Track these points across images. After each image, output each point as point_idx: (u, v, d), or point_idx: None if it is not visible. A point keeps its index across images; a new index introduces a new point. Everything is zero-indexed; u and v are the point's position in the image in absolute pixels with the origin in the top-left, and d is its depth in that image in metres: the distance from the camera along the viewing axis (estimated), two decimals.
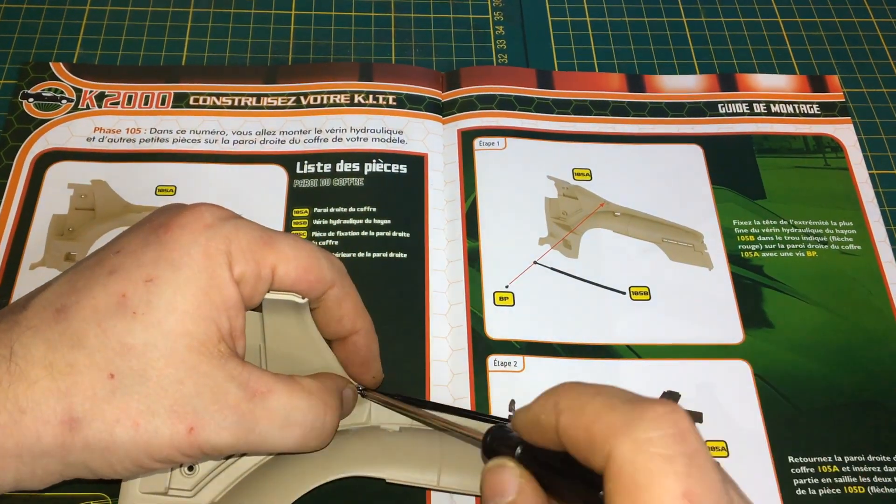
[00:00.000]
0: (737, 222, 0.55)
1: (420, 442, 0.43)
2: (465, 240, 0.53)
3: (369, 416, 0.45)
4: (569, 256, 0.53)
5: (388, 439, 0.44)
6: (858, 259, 0.54)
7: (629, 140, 0.58)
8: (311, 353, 0.42)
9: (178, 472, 0.41)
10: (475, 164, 0.56)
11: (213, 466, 0.41)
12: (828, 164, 0.58)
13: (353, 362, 0.42)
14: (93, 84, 0.58)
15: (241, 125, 0.57)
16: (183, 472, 0.41)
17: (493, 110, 0.58)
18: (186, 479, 0.41)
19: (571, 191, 0.55)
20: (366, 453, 0.43)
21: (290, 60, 0.61)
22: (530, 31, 0.64)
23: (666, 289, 0.52)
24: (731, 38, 0.65)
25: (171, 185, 0.54)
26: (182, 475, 0.41)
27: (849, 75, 0.63)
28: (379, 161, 0.56)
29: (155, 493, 0.41)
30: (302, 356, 0.42)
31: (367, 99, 0.59)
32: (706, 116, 0.59)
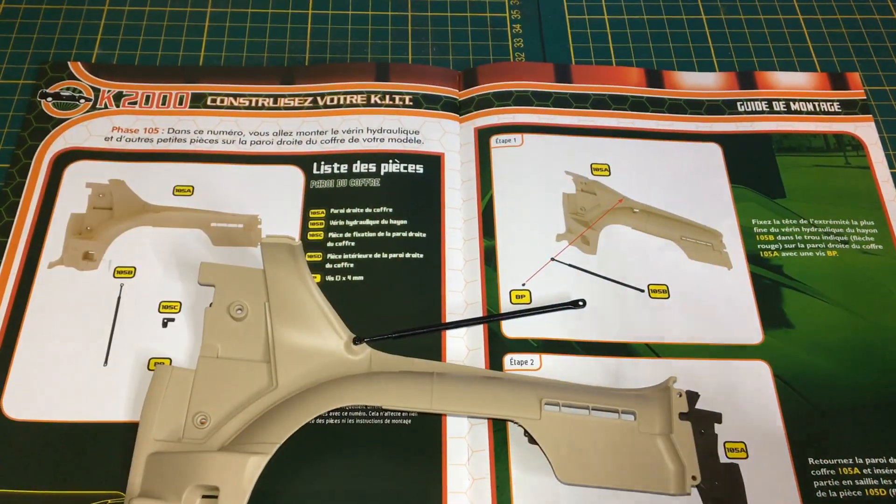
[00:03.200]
0: (756, 221, 0.54)
1: (414, 379, 0.46)
2: (482, 238, 0.53)
3: (369, 365, 0.48)
4: (587, 253, 0.53)
5: (385, 379, 0.47)
6: (880, 258, 0.53)
7: (648, 136, 0.58)
8: (307, 298, 0.48)
9: (192, 422, 0.45)
10: (491, 162, 0.56)
11: (223, 416, 0.46)
12: (848, 162, 0.57)
13: None
14: (111, 84, 0.58)
15: (258, 126, 0.57)
16: (195, 423, 0.45)
17: (510, 107, 0.58)
18: (199, 429, 0.45)
19: (590, 186, 0.55)
20: (365, 389, 0.46)
21: (307, 60, 0.61)
22: (547, 30, 0.64)
23: (685, 287, 0.51)
24: (750, 36, 0.64)
25: (189, 186, 0.54)
26: (195, 426, 0.45)
27: (870, 73, 0.62)
28: (395, 161, 0.56)
29: (169, 440, 0.45)
30: (301, 304, 0.48)
31: (383, 99, 0.59)
32: (725, 115, 0.59)
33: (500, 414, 0.46)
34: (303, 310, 0.48)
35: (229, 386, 0.47)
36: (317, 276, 0.52)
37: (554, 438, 0.45)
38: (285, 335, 0.48)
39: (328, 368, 0.47)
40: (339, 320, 0.48)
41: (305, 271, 0.47)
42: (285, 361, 0.47)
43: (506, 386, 0.47)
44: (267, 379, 0.47)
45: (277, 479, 0.45)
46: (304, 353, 0.47)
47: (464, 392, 0.46)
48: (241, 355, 0.48)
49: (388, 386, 0.46)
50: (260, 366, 0.47)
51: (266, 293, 0.48)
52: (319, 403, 0.45)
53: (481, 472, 0.46)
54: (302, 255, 0.46)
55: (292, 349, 0.47)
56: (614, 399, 0.46)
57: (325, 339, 0.48)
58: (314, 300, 0.48)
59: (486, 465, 0.46)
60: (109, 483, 0.45)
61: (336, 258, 0.52)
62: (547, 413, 0.45)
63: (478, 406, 0.46)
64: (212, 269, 0.49)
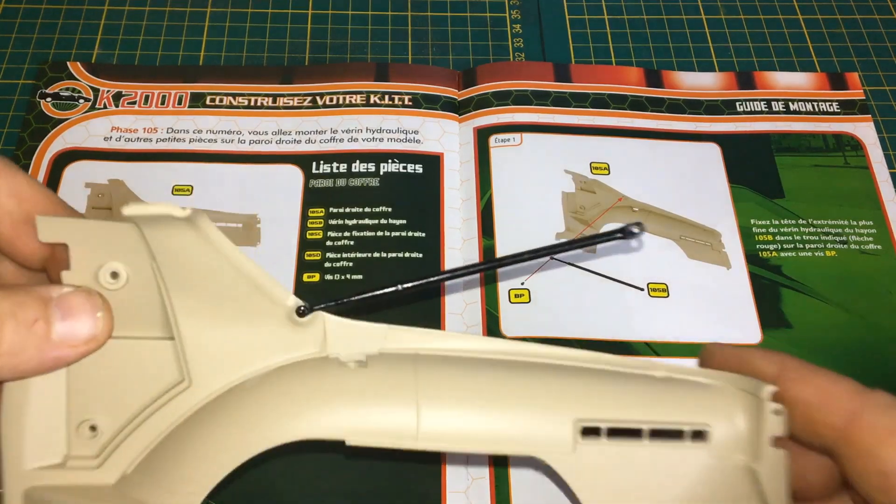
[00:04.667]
0: (755, 221, 0.54)
1: (391, 374, 0.33)
2: (481, 238, 0.53)
3: (324, 344, 0.35)
4: (587, 251, 0.53)
5: (347, 378, 0.33)
6: (879, 259, 0.53)
7: (647, 135, 0.58)
8: (228, 271, 0.33)
9: (76, 433, 0.33)
10: (490, 162, 0.56)
11: (119, 423, 0.33)
12: (847, 162, 0.57)
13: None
14: (110, 84, 0.59)
15: (258, 125, 0.57)
16: (82, 432, 0.33)
17: (509, 106, 0.58)
18: (88, 442, 0.33)
19: (589, 185, 0.55)
20: (315, 400, 0.33)
21: (307, 60, 0.61)
22: (547, 30, 0.64)
23: (684, 287, 0.52)
24: (750, 36, 0.64)
25: (188, 185, 0.54)
26: (81, 438, 0.33)
27: (870, 73, 0.62)
28: (394, 161, 0.56)
29: (49, 465, 0.33)
30: (208, 269, 0.33)
31: (382, 99, 0.59)
32: (724, 114, 0.59)
33: (516, 450, 0.33)
34: (213, 275, 0.33)
35: (120, 376, 0.33)
36: (315, 274, 0.52)
37: (592, 482, 0.33)
38: (190, 310, 0.33)
39: (263, 352, 0.34)
40: (276, 285, 0.34)
41: (222, 241, 0.32)
42: (196, 348, 0.34)
43: (524, 398, 0.33)
44: (175, 369, 0.34)
45: (274, 479, 0.45)
46: (224, 336, 0.34)
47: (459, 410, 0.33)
48: (129, 331, 0.33)
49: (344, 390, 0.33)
50: (161, 346, 0.34)
51: (150, 254, 0.33)
52: (252, 439, 0.32)
53: (480, 471, 0.46)
54: (206, 222, 0.32)
55: (204, 330, 0.34)
56: (675, 405, 0.34)
57: (254, 312, 0.34)
58: (229, 263, 0.33)
59: (485, 465, 0.46)
60: None
61: (335, 257, 0.52)
62: (584, 446, 0.33)
63: (482, 442, 0.33)
64: (56, 224, 0.32)
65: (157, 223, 0.31)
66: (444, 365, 0.34)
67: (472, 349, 0.35)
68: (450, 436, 0.32)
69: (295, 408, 0.32)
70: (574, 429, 0.33)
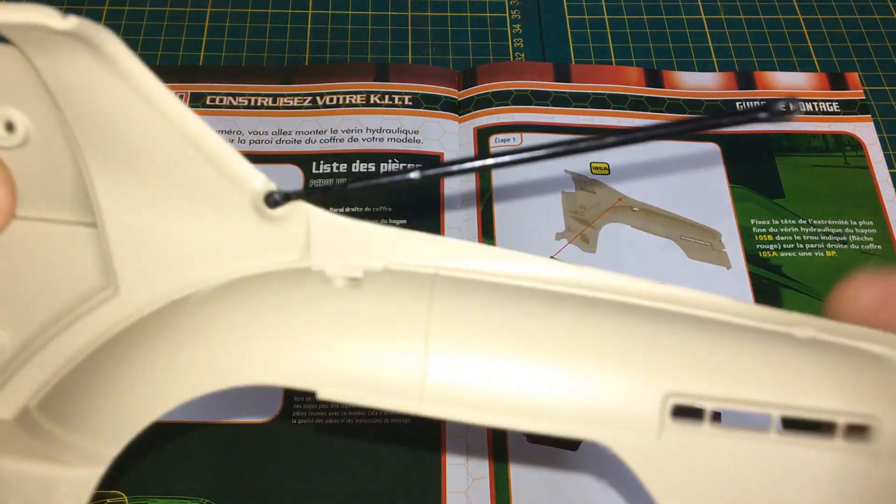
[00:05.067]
0: (755, 221, 0.54)
1: (395, 300, 0.24)
2: (481, 238, 0.53)
3: (305, 249, 0.25)
4: (587, 251, 0.53)
5: (332, 301, 0.24)
6: (879, 259, 0.53)
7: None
8: (165, 133, 0.23)
9: None
10: None
11: (21, 344, 0.26)
12: (847, 162, 0.57)
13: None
14: None
15: (258, 125, 0.57)
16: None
17: (509, 106, 0.58)
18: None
19: (589, 185, 0.55)
20: (284, 329, 0.23)
21: (307, 60, 0.61)
22: (547, 30, 0.64)
23: (684, 286, 0.51)
24: (750, 36, 0.64)
25: None
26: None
27: (870, 73, 0.62)
28: (395, 161, 0.56)
29: None
30: (153, 141, 0.23)
31: (382, 99, 0.59)
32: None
33: (568, 430, 0.22)
34: (143, 137, 0.23)
35: (23, 275, 0.26)
36: None
37: (681, 485, 0.22)
38: (116, 186, 0.24)
39: (218, 254, 0.25)
40: (237, 159, 0.24)
41: (133, 72, 0.23)
42: (125, 241, 0.24)
43: (590, 353, 0.23)
44: (96, 268, 0.26)
45: (274, 479, 0.45)
46: (163, 227, 0.24)
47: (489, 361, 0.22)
48: (36, 211, 0.25)
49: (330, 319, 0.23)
50: (78, 235, 0.26)
51: (54, 101, 0.23)
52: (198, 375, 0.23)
53: (481, 471, 0.46)
54: (120, 49, 0.22)
55: (136, 217, 0.24)
56: (824, 383, 0.22)
57: (207, 196, 0.24)
58: (165, 119, 0.23)
59: (485, 465, 0.46)
60: (109, 483, 0.45)
61: None
62: (676, 432, 0.22)
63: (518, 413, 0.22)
64: None
65: (42, 45, 0.21)
66: (473, 294, 0.24)
67: (518, 274, 0.25)
68: (471, 399, 0.22)
69: (254, 338, 0.23)
70: (663, 406, 0.22)
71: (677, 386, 0.22)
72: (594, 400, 0.22)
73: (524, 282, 0.25)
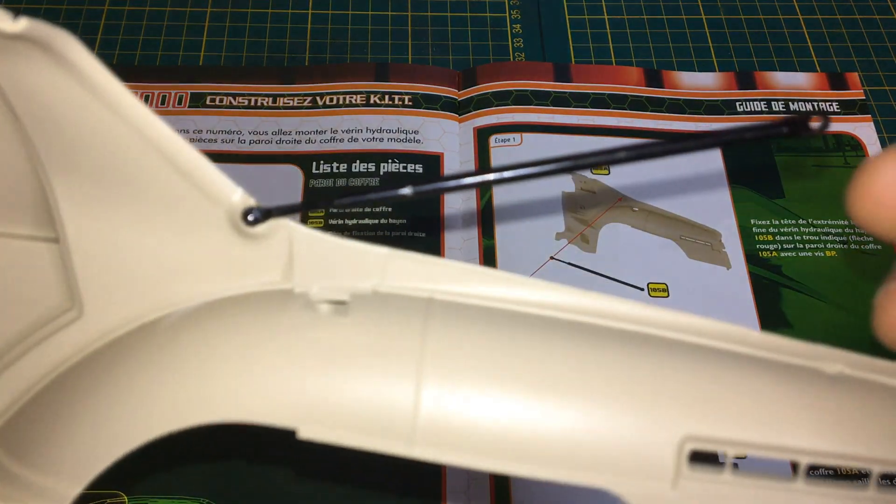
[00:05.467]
0: (755, 221, 0.54)
1: (384, 327, 0.21)
2: (481, 238, 0.53)
3: (288, 269, 0.22)
4: (586, 251, 0.53)
5: (315, 329, 0.21)
6: (879, 259, 0.53)
7: (647, 135, 0.58)
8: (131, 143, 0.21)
9: None
10: (491, 162, 0.56)
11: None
12: (847, 162, 0.57)
13: None
14: None
15: (258, 125, 0.57)
16: None
17: (509, 106, 0.58)
18: None
19: (589, 185, 0.55)
20: (263, 360, 0.21)
21: (307, 60, 0.61)
22: (547, 30, 0.64)
23: (684, 286, 0.52)
24: (750, 36, 0.64)
25: None
26: None
27: (870, 73, 0.62)
28: (394, 161, 0.56)
29: None
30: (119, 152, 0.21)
31: (382, 99, 0.59)
32: (724, 115, 0.59)
33: (573, 476, 0.20)
34: (108, 147, 0.21)
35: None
36: None
37: None
38: (81, 199, 0.22)
39: (191, 275, 0.23)
40: (212, 171, 0.22)
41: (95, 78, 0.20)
42: (91, 259, 0.23)
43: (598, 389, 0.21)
44: (59, 288, 0.24)
45: (270, 478, 0.45)
46: (132, 244, 0.22)
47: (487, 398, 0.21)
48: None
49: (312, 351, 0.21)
50: (41, 252, 0.24)
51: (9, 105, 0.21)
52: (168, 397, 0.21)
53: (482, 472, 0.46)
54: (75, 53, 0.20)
55: (103, 233, 0.22)
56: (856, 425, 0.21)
57: (180, 211, 0.22)
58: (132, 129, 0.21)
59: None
60: (109, 483, 0.45)
61: None
62: (693, 481, 0.20)
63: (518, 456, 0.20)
64: None
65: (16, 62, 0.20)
66: (472, 321, 0.22)
67: (522, 300, 0.22)
68: (467, 442, 0.20)
69: (230, 370, 0.21)
70: (679, 451, 0.20)
71: (695, 429, 0.20)
72: (603, 444, 0.20)
73: (529, 308, 0.22)
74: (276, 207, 0.22)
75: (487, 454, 0.20)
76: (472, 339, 0.21)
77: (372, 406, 0.20)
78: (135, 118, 0.20)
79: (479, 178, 0.22)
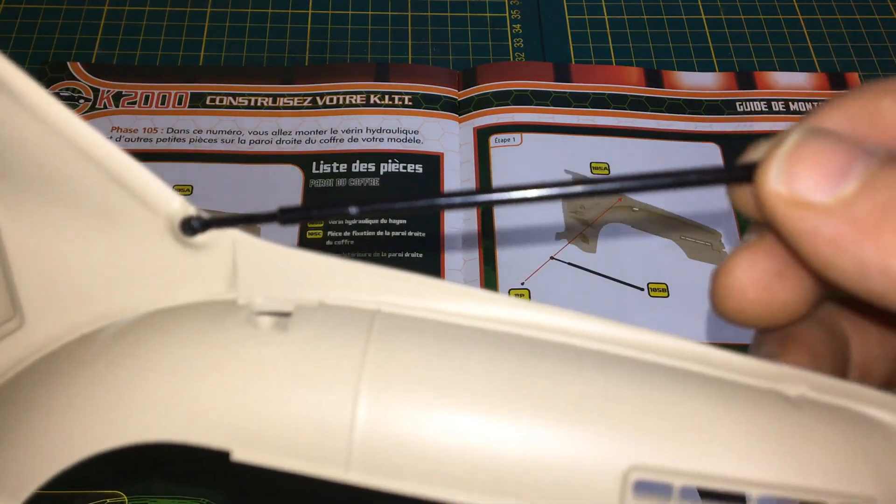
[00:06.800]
0: None
1: (326, 342, 0.20)
2: (481, 238, 0.53)
3: (233, 279, 0.22)
4: (587, 251, 0.53)
5: (254, 344, 0.20)
6: None
7: (647, 135, 0.58)
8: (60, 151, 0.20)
9: None
10: (490, 162, 0.56)
11: None
12: None
13: None
14: (110, 84, 0.59)
15: (258, 125, 0.57)
16: None
17: (509, 106, 0.58)
18: None
19: None
20: (200, 376, 0.20)
21: (307, 60, 0.61)
22: (547, 30, 0.64)
23: (684, 287, 0.51)
24: (750, 36, 0.64)
25: (188, 185, 0.54)
26: None
27: (870, 73, 0.62)
28: (394, 161, 0.56)
29: None
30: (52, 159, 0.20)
31: (382, 99, 0.59)
32: (724, 115, 0.59)
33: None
34: (42, 155, 0.20)
35: None
36: None
37: None
38: (17, 207, 0.22)
39: (132, 284, 0.22)
40: (147, 178, 0.21)
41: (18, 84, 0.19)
42: (30, 267, 0.22)
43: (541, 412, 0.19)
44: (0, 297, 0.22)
45: (270, 478, 0.45)
46: (72, 251, 0.22)
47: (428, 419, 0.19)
48: None
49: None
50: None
51: None
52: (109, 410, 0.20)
53: None
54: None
55: (43, 241, 0.22)
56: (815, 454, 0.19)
57: (117, 220, 0.21)
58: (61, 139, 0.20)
59: None
60: (109, 483, 0.45)
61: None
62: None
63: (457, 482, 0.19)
64: None
65: None
66: (418, 335, 0.21)
67: (469, 314, 0.21)
68: (405, 467, 0.19)
69: (165, 386, 0.20)
70: (624, 482, 0.19)
71: (642, 457, 0.19)
72: (547, 472, 0.19)
73: (479, 322, 0.21)
74: (215, 219, 0.21)
75: (429, 481, 0.19)
76: (417, 355, 0.20)
77: (309, 427, 0.19)
78: (61, 127, 0.20)
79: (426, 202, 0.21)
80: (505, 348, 0.20)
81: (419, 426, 0.19)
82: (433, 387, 0.19)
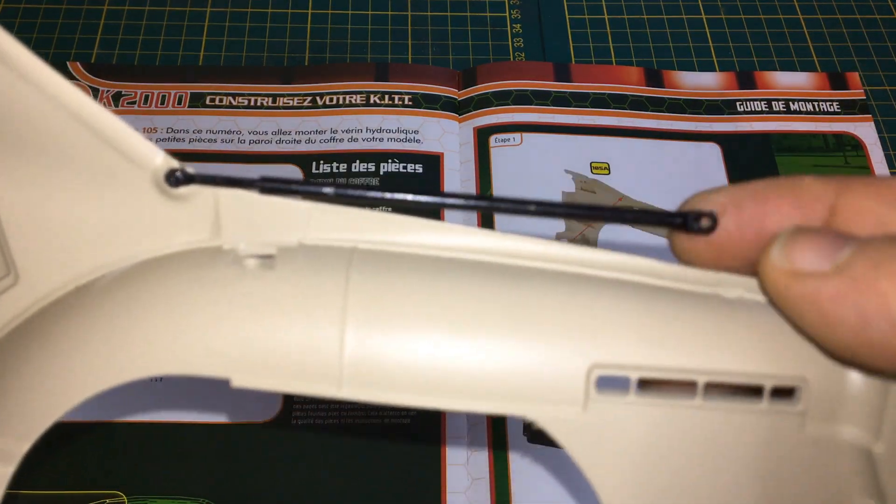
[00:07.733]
0: None
1: (310, 277, 0.22)
2: None
3: (216, 227, 0.23)
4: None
5: (243, 283, 0.22)
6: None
7: (647, 135, 0.58)
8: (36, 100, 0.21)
9: None
10: (490, 162, 0.56)
11: None
12: (848, 162, 0.57)
13: None
14: (110, 84, 0.58)
15: (257, 125, 0.57)
16: None
17: (509, 106, 0.58)
18: None
19: (589, 185, 0.55)
20: (194, 314, 0.22)
21: (307, 60, 0.61)
22: (547, 30, 0.64)
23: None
24: (750, 36, 0.64)
25: None
26: None
27: (870, 73, 0.62)
28: (394, 161, 0.56)
29: None
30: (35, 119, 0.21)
31: (382, 99, 0.59)
32: (724, 114, 0.59)
33: (493, 407, 0.22)
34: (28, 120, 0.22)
35: None
36: None
37: (609, 458, 0.22)
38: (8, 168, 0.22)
39: (121, 236, 0.23)
40: (130, 134, 0.22)
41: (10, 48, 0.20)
42: (23, 225, 0.23)
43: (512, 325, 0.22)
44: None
45: (271, 478, 0.45)
46: (63, 209, 0.23)
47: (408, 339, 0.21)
48: None
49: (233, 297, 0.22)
50: None
51: None
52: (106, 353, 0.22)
53: (481, 471, 0.46)
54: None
55: (33, 199, 0.23)
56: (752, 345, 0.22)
57: (105, 175, 0.23)
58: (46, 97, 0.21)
59: (485, 465, 0.46)
60: (108, 483, 0.45)
61: None
62: (602, 403, 0.22)
63: (441, 391, 0.21)
64: None
65: None
66: (392, 267, 0.23)
67: (439, 245, 0.24)
68: (391, 380, 0.21)
69: (162, 325, 0.22)
70: (588, 378, 0.21)
71: (601, 357, 0.22)
72: (518, 375, 0.22)
73: (445, 252, 0.23)
74: (199, 174, 0.23)
75: (411, 391, 0.21)
76: (393, 284, 0.22)
77: (301, 353, 0.21)
78: (50, 89, 0.21)
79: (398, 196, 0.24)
80: (471, 272, 0.23)
81: (400, 344, 0.21)
82: (409, 308, 0.22)
